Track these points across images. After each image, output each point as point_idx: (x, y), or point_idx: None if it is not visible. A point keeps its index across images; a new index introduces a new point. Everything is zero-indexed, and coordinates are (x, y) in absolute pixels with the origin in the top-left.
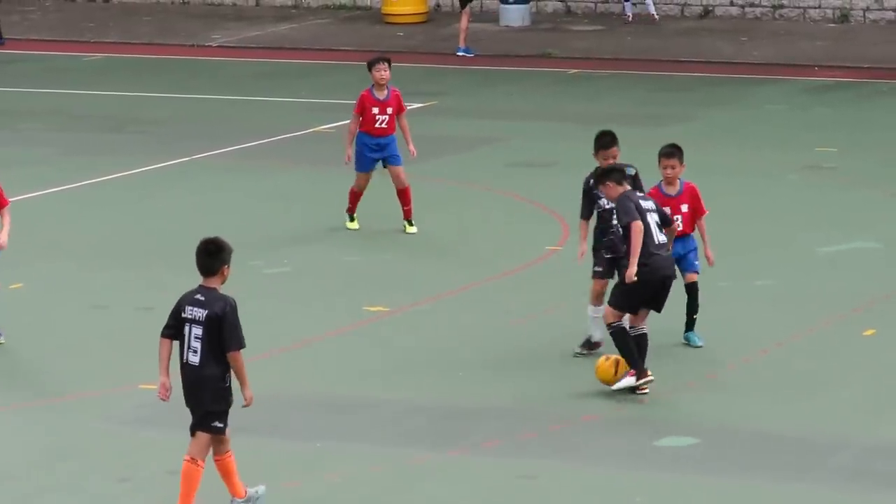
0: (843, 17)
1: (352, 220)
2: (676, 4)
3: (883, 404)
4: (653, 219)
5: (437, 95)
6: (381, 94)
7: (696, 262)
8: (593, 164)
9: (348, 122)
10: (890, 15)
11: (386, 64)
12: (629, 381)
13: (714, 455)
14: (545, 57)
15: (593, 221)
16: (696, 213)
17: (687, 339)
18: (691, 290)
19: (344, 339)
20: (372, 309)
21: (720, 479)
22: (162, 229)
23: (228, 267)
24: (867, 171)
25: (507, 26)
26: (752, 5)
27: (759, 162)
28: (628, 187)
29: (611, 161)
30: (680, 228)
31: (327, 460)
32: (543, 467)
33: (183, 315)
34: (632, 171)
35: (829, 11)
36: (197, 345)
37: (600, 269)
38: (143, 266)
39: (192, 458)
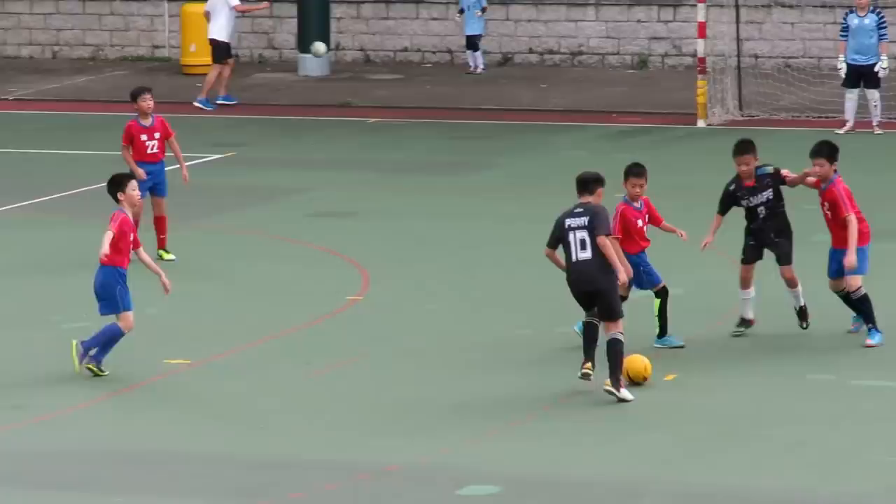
0: (642, 63)
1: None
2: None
3: (688, 450)
4: (576, 236)
5: (236, 146)
6: (147, 122)
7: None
8: (394, 210)
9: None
10: (688, 60)
11: (150, 94)
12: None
13: (515, 503)
14: (345, 106)
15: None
16: (655, 221)
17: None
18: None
19: (146, 393)
20: (173, 362)
21: None
22: None
23: None
24: (667, 216)
25: (305, 76)
26: (550, 52)
27: (558, 209)
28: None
29: (743, 168)
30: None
31: None
32: None
33: None
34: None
35: (628, 58)
36: None
37: (743, 255)
38: None
39: None
